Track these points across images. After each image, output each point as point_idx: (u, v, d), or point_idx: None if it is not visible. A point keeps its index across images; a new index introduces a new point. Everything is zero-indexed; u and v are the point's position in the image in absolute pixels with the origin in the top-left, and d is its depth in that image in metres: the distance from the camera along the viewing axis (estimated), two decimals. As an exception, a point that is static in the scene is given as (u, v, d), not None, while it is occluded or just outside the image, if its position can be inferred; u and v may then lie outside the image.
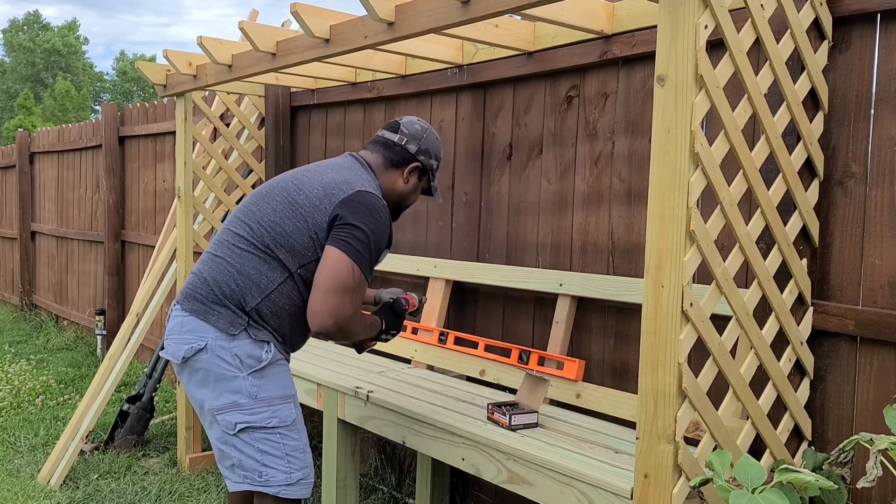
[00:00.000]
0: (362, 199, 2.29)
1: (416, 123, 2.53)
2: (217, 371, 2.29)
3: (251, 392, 2.30)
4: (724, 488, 1.65)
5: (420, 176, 2.53)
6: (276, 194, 2.37)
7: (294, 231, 2.29)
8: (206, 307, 2.32)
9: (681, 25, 1.73)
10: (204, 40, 3.40)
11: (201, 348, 2.29)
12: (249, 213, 2.38)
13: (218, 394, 2.30)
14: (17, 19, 58.14)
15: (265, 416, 2.31)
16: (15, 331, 8.15)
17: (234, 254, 2.33)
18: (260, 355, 2.30)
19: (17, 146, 9.00)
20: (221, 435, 2.34)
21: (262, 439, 2.31)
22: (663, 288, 1.79)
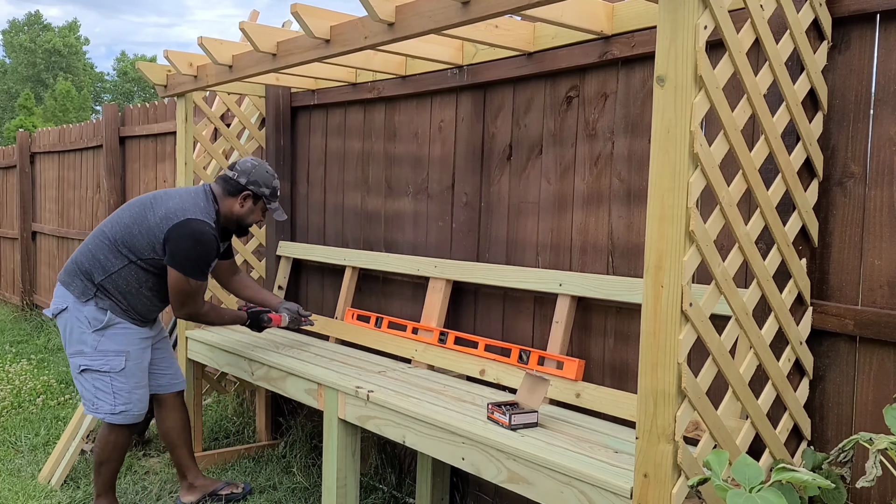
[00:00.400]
0: (188, 226, 3.17)
1: (248, 162, 3.39)
2: (72, 326, 3.27)
3: (93, 344, 3.26)
4: (722, 487, 1.65)
5: (254, 200, 3.38)
6: (135, 207, 3.29)
7: (138, 235, 3.22)
8: (69, 278, 3.31)
9: (680, 26, 1.73)
10: (204, 41, 3.40)
11: (64, 308, 3.29)
12: (115, 215, 3.34)
13: (71, 343, 3.30)
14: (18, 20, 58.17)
15: (100, 363, 3.27)
16: (16, 331, 8.15)
17: (94, 242, 3.30)
18: (102, 318, 3.25)
19: (18, 146, 9.01)
20: (74, 373, 3.33)
21: (96, 378, 3.28)
22: (663, 288, 1.79)
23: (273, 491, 3.79)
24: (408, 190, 3.72)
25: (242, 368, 3.68)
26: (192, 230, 3.16)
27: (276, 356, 3.52)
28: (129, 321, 3.31)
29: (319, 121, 4.33)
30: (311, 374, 3.18)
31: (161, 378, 3.57)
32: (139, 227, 3.21)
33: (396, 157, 3.80)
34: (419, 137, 3.65)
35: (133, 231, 3.21)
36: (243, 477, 3.96)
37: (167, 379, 3.59)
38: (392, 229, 3.83)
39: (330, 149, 4.26)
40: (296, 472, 3.94)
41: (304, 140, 4.45)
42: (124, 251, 3.22)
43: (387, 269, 3.70)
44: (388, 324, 3.69)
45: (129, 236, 3.21)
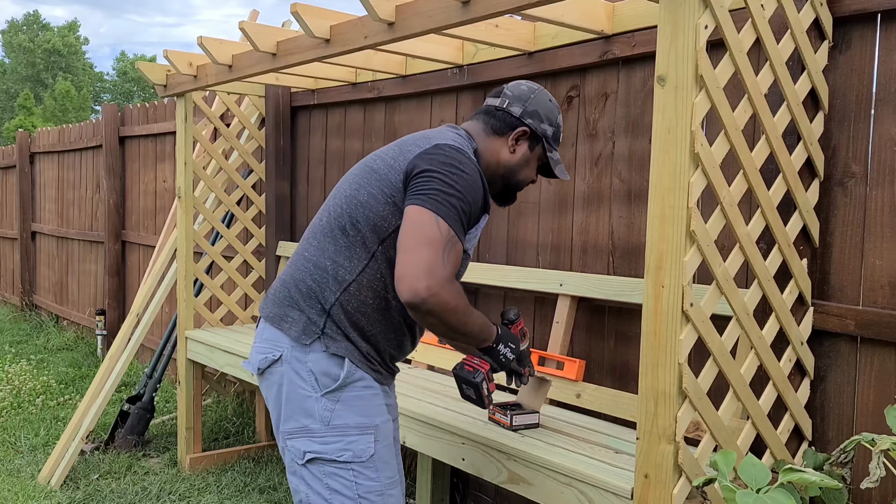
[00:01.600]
0: (441, 150, 1.94)
1: (522, 85, 2.17)
2: (290, 387, 1.97)
3: (323, 416, 1.94)
4: (730, 488, 1.65)
5: (531, 144, 2.13)
6: (355, 169, 2.09)
7: (370, 199, 1.95)
8: (281, 312, 2.01)
9: (681, 26, 1.73)
10: (204, 40, 3.40)
11: (276, 359, 1.99)
12: (330, 198, 2.10)
13: (289, 414, 1.98)
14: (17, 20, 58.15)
15: (336, 447, 1.94)
16: (15, 331, 8.15)
17: (312, 247, 2.03)
18: (336, 373, 1.94)
19: (18, 146, 9.00)
20: (290, 464, 2.01)
21: (331, 474, 1.95)
22: (663, 288, 1.79)
23: (273, 491, 3.79)
24: (408, 190, 3.72)
25: (242, 368, 3.67)
26: (450, 155, 1.94)
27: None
28: (371, 372, 2.00)
29: (319, 121, 4.32)
30: (311, 374, 3.17)
31: None
32: (367, 188, 1.98)
33: (396, 157, 3.79)
34: (419, 137, 3.65)
35: (361, 197, 1.98)
36: (244, 477, 3.96)
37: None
38: (392, 229, 3.82)
39: (330, 149, 4.25)
40: (296, 472, 3.94)
41: (303, 140, 4.44)
42: (359, 236, 1.96)
43: (387, 269, 3.69)
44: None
45: (358, 207, 1.97)
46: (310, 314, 1.97)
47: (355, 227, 1.96)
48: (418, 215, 1.83)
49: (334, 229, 1.99)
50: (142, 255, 6.38)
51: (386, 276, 1.95)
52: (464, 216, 1.88)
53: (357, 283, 1.95)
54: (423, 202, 1.84)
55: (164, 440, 4.54)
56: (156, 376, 4.54)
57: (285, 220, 4.48)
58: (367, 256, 1.95)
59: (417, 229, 1.82)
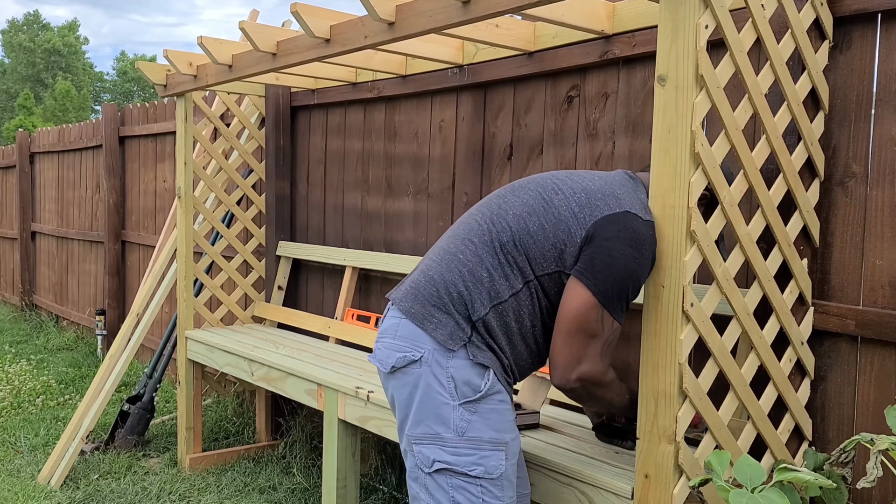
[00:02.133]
0: (630, 223, 1.83)
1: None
2: (426, 391, 1.89)
3: (459, 426, 1.88)
4: (724, 488, 1.65)
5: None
6: (529, 188, 1.99)
7: (539, 232, 1.89)
8: (425, 311, 1.93)
9: (681, 25, 1.73)
10: (204, 40, 3.40)
11: (416, 360, 1.91)
12: (493, 203, 2.00)
13: (420, 419, 1.91)
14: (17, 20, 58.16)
15: (469, 460, 1.88)
16: (15, 331, 8.15)
17: (468, 250, 1.94)
18: (478, 384, 1.88)
19: (18, 146, 9.00)
20: (414, 469, 1.95)
21: (459, 487, 1.89)
22: (664, 288, 1.78)
23: (273, 491, 3.79)
24: (408, 190, 3.72)
25: (242, 368, 3.67)
26: (636, 232, 1.83)
27: (276, 356, 3.52)
28: (507, 386, 1.97)
29: (319, 120, 4.32)
30: (311, 374, 3.17)
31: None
32: (540, 219, 1.91)
33: (396, 156, 3.79)
34: (419, 137, 3.65)
35: (530, 226, 1.91)
36: (244, 478, 3.96)
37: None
38: (392, 229, 3.82)
39: (330, 148, 4.25)
40: (296, 472, 3.94)
41: (303, 140, 4.44)
42: (520, 261, 1.91)
43: (387, 269, 3.70)
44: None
45: (525, 234, 1.91)
46: (458, 319, 1.90)
47: (517, 250, 1.90)
48: (586, 301, 1.82)
49: (494, 242, 1.93)
50: (142, 254, 6.38)
51: (534, 305, 1.91)
52: (629, 298, 1.86)
53: (508, 303, 1.90)
54: (594, 285, 1.82)
55: (164, 440, 4.54)
56: (156, 376, 4.54)
57: (285, 219, 4.48)
58: (522, 282, 1.90)
59: (582, 317, 1.82)
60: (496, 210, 1.98)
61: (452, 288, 1.92)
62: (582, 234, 1.86)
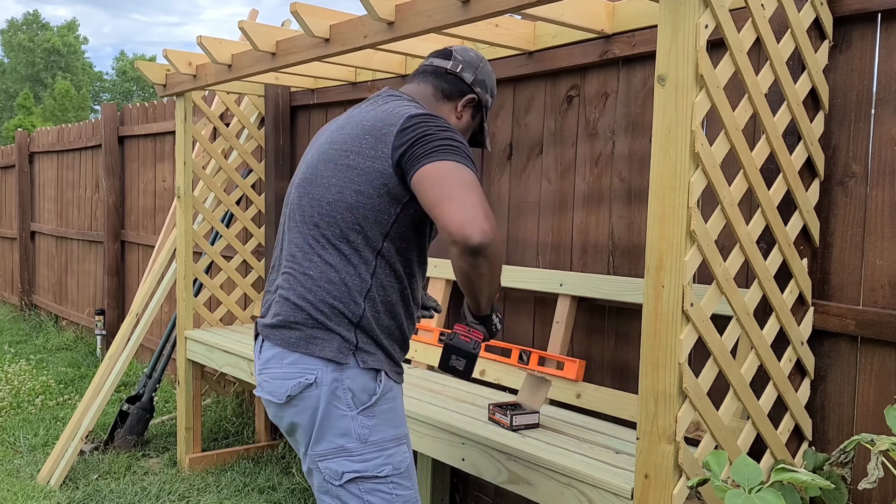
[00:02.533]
0: (421, 118, 1.85)
1: (470, 51, 2.13)
2: (326, 409, 1.88)
3: (361, 434, 1.89)
4: (721, 488, 1.65)
5: (474, 112, 2.09)
6: (320, 169, 1.96)
7: (359, 198, 1.87)
8: (305, 335, 1.90)
9: (681, 25, 1.73)
10: (203, 40, 3.39)
11: (311, 383, 1.88)
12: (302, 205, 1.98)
13: (321, 436, 1.90)
14: (17, 19, 58.14)
15: (377, 462, 1.89)
16: (14, 331, 8.14)
17: (313, 263, 1.92)
18: (373, 388, 1.89)
19: (17, 146, 9.00)
20: (323, 484, 1.93)
21: (372, 491, 1.90)
22: (664, 288, 1.78)
23: (272, 492, 3.78)
24: (407, 190, 3.72)
25: (242, 368, 3.67)
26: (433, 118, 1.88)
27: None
28: (397, 378, 1.99)
29: (319, 120, 4.32)
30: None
31: None
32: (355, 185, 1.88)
33: (396, 156, 3.79)
34: (419, 137, 3.64)
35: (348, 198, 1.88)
36: (243, 478, 3.95)
37: None
38: (392, 229, 3.82)
39: (329, 148, 4.25)
40: (295, 472, 3.94)
41: (303, 139, 4.44)
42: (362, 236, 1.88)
43: (386, 268, 3.69)
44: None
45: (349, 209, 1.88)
46: (340, 332, 1.88)
47: (354, 231, 1.88)
48: (443, 168, 1.75)
49: (332, 240, 1.90)
50: (141, 254, 6.38)
51: (396, 266, 1.91)
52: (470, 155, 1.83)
53: (374, 286, 1.89)
54: (437, 157, 1.76)
55: (164, 440, 4.54)
56: (155, 376, 4.54)
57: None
58: (374, 256, 1.89)
59: (451, 178, 1.73)
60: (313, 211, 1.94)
61: (322, 305, 1.89)
62: (389, 162, 1.84)
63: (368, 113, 1.96)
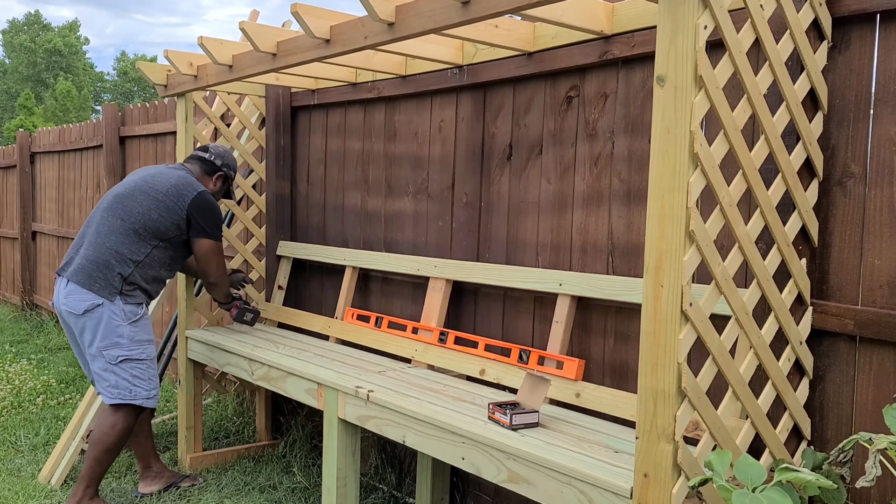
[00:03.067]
0: (205, 201, 3.52)
1: (219, 147, 3.78)
2: (106, 320, 3.37)
3: (129, 335, 3.42)
4: (725, 488, 1.65)
5: (222, 182, 3.77)
6: (135, 193, 3.47)
7: (160, 219, 3.43)
8: (85, 279, 3.36)
9: (680, 26, 1.73)
10: (204, 40, 3.40)
11: (99, 304, 3.36)
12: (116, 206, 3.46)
13: (105, 336, 3.38)
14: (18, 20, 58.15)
15: (138, 351, 3.45)
16: (15, 330, 8.15)
17: (111, 239, 3.40)
18: (138, 312, 3.47)
19: (18, 146, 9.01)
20: (105, 365, 3.40)
21: (134, 367, 3.44)
22: (663, 288, 1.79)
23: (273, 491, 3.79)
24: (408, 190, 3.73)
25: (242, 368, 3.68)
26: (207, 199, 3.52)
27: (276, 356, 3.52)
28: (148, 306, 3.60)
29: (319, 120, 4.33)
30: (312, 373, 3.18)
31: None
32: (159, 212, 3.43)
33: (396, 156, 3.80)
34: (419, 137, 3.65)
35: (153, 216, 3.42)
36: (244, 477, 3.96)
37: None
38: (392, 229, 3.83)
39: (330, 149, 4.26)
40: (296, 471, 3.94)
41: (304, 140, 4.45)
42: (147, 237, 3.42)
43: (387, 268, 3.70)
44: (388, 323, 3.70)
45: (151, 221, 3.41)
46: (110, 280, 3.39)
47: (146, 231, 3.43)
48: (209, 244, 3.56)
49: (129, 230, 3.42)
50: (142, 254, 6.38)
51: (160, 255, 3.49)
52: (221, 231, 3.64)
53: (143, 262, 3.45)
54: (209, 235, 3.55)
55: (165, 439, 4.55)
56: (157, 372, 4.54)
57: (285, 219, 4.49)
58: (150, 248, 3.46)
59: (214, 250, 3.59)
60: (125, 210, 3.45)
61: (101, 263, 3.39)
62: (184, 214, 3.47)
63: (173, 172, 3.57)
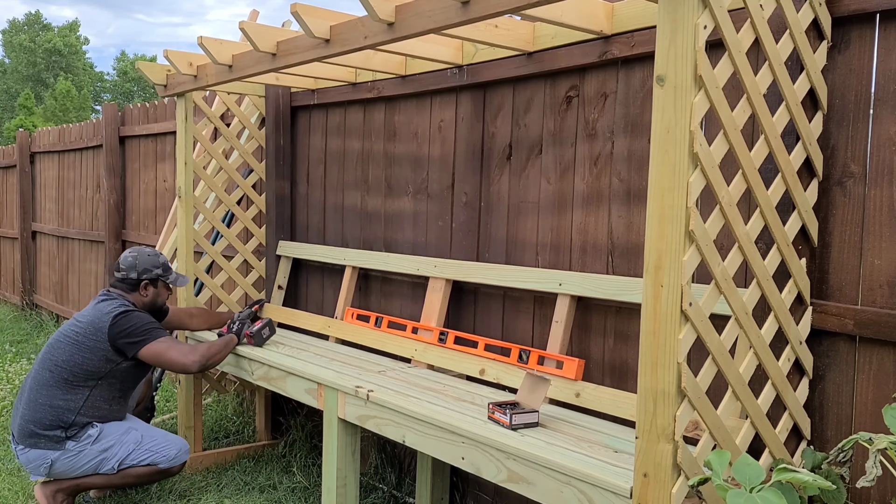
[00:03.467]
0: (119, 318, 3.36)
1: (127, 257, 3.56)
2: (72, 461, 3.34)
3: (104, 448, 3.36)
4: (723, 487, 1.65)
5: (153, 284, 3.58)
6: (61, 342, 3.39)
7: (85, 360, 3.33)
8: (31, 441, 3.32)
9: (680, 26, 1.73)
10: (204, 40, 3.40)
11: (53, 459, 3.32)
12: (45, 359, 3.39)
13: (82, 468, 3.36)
14: (18, 19, 58.14)
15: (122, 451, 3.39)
16: (16, 330, 8.15)
17: (42, 395, 3.33)
18: (93, 433, 3.36)
19: (18, 146, 9.01)
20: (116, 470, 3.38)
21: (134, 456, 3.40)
22: (662, 287, 1.79)
23: (273, 490, 3.79)
24: (408, 190, 3.73)
25: (242, 368, 3.68)
26: (122, 318, 3.36)
27: (276, 356, 3.52)
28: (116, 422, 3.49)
29: (319, 120, 4.33)
30: (311, 373, 3.18)
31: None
32: (82, 354, 3.33)
33: (396, 156, 3.80)
34: (419, 137, 3.65)
35: (77, 360, 3.33)
36: (244, 476, 3.96)
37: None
38: (392, 229, 3.83)
39: (330, 148, 4.26)
40: (296, 471, 3.94)
41: (303, 140, 4.45)
42: (80, 383, 3.33)
43: (387, 268, 3.70)
44: (388, 323, 3.69)
45: (77, 366, 3.32)
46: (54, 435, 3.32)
47: (76, 377, 3.33)
48: (154, 347, 3.37)
49: (59, 381, 3.33)
50: (142, 254, 6.37)
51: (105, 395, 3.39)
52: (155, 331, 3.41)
53: (85, 406, 3.35)
54: (146, 342, 3.36)
55: (165, 439, 4.54)
56: (156, 375, 4.54)
57: (285, 219, 4.49)
58: (87, 391, 3.36)
59: (162, 350, 3.37)
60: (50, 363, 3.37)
61: (40, 422, 3.33)
62: (108, 343, 3.34)
63: (92, 308, 3.45)
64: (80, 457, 3.33)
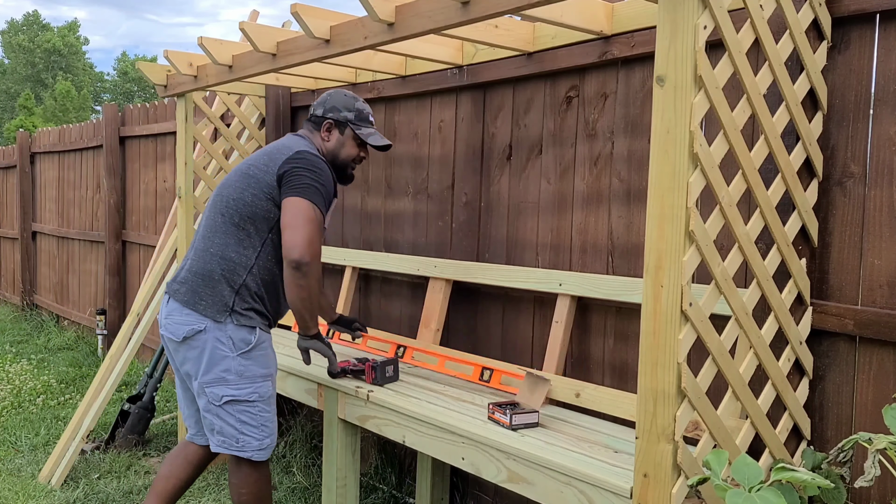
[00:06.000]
0: (301, 156, 2.71)
1: (325, 94, 2.98)
2: (211, 349, 2.67)
3: (238, 370, 2.68)
4: (722, 487, 1.65)
5: (339, 129, 2.91)
6: (232, 177, 2.80)
7: (254, 200, 2.70)
8: (192, 297, 2.70)
9: (680, 26, 1.73)
10: (204, 41, 3.40)
11: (201, 330, 2.67)
12: (217, 200, 2.80)
13: (211, 370, 2.67)
14: (17, 20, 58.14)
15: (248, 391, 2.71)
16: (16, 330, 8.15)
17: (214, 243, 2.74)
18: (250, 339, 2.70)
19: (18, 146, 9.01)
20: (207, 405, 2.71)
21: (243, 411, 2.71)
22: (662, 288, 1.79)
23: (273, 491, 3.79)
24: (408, 190, 3.73)
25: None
26: (308, 159, 2.69)
27: (277, 356, 3.52)
28: (268, 332, 2.80)
29: (319, 121, 4.32)
30: (311, 373, 3.18)
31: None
32: (250, 190, 2.70)
33: (396, 157, 3.80)
34: (419, 137, 3.65)
35: (246, 197, 2.69)
36: (243, 477, 3.96)
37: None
38: (392, 229, 3.83)
39: (330, 149, 4.26)
40: (296, 471, 3.94)
41: (304, 140, 4.45)
42: (251, 228, 2.69)
43: (387, 269, 3.70)
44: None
45: (245, 206, 2.69)
46: (222, 296, 2.68)
47: (248, 222, 2.71)
48: (299, 203, 2.62)
49: (229, 226, 2.72)
50: (142, 254, 6.39)
51: (274, 255, 2.72)
52: (325, 201, 2.71)
53: (256, 264, 2.71)
54: (299, 193, 2.63)
55: (165, 439, 4.55)
56: (156, 375, 4.55)
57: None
58: (260, 244, 2.72)
59: (301, 213, 2.61)
60: (220, 204, 2.77)
61: (215, 274, 2.70)
62: (275, 178, 2.68)
63: (270, 146, 2.83)
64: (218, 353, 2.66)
